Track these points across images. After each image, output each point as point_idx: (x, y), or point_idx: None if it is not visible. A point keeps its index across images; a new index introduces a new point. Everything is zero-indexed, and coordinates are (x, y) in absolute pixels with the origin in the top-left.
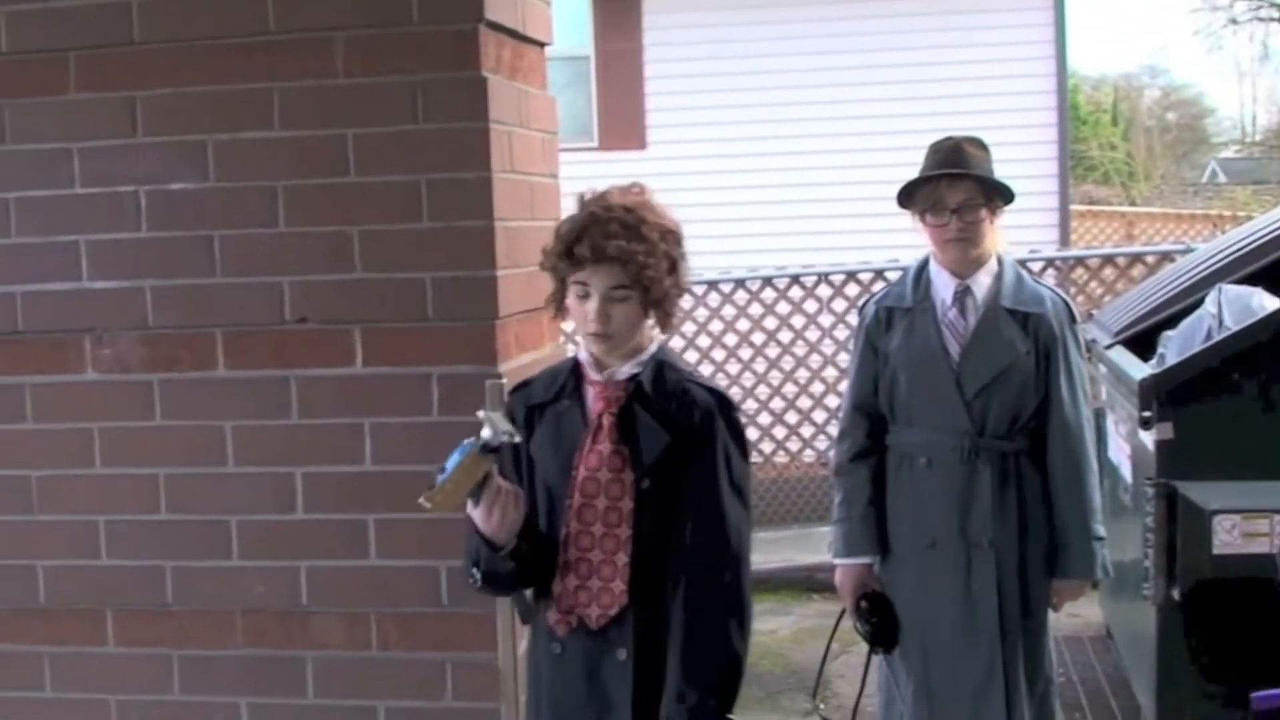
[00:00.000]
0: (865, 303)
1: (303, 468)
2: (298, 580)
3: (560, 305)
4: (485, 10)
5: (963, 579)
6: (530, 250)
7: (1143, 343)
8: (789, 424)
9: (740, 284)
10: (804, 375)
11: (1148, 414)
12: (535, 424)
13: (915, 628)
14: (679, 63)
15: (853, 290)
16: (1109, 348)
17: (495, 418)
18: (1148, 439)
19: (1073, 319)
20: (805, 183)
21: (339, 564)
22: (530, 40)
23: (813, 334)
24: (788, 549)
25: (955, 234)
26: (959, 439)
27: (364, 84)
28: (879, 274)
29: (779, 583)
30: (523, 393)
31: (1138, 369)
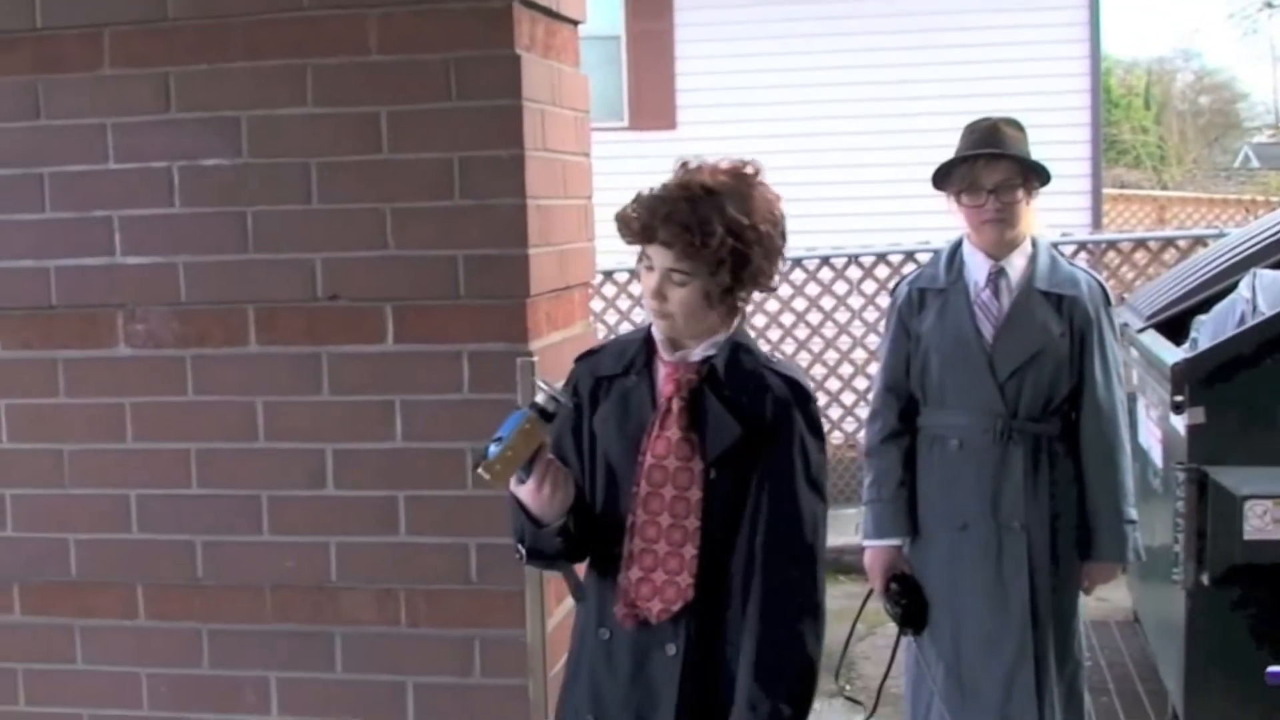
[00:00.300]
0: (897, 284)
1: (333, 444)
2: (327, 556)
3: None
4: None
5: (994, 562)
6: (562, 228)
7: (1175, 327)
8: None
9: None
10: (833, 357)
11: (1179, 399)
12: (600, 397)
13: (945, 610)
14: (709, 43)
15: (883, 272)
16: (1141, 332)
17: (550, 384)
18: (1179, 424)
19: (1107, 301)
20: (835, 164)
21: (369, 540)
22: (564, 18)
23: (842, 316)
24: None
25: (992, 215)
26: (991, 421)
27: (397, 61)
28: (909, 256)
29: None
30: (589, 362)
31: (1170, 353)
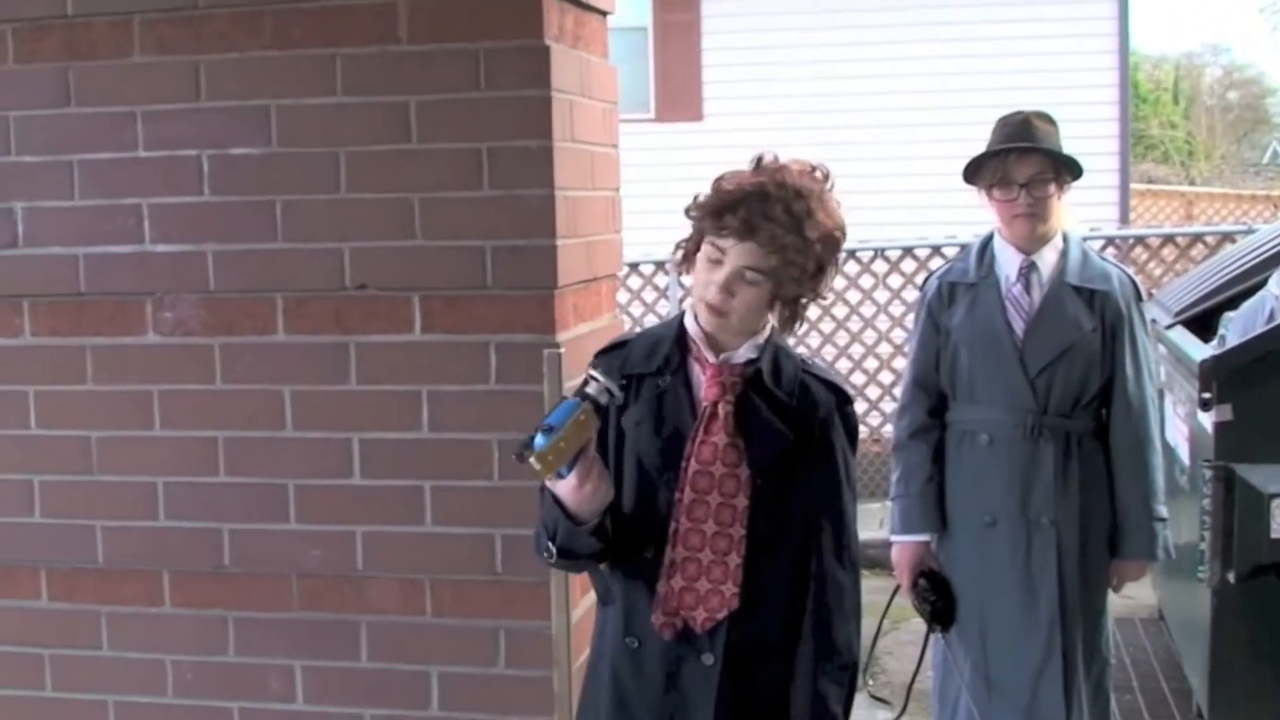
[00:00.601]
0: (927, 278)
1: (360, 434)
2: (353, 545)
3: (689, 256)
4: None
5: (1022, 558)
6: (590, 220)
7: (1203, 323)
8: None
9: None
10: (858, 351)
11: (1207, 395)
12: (630, 396)
13: (973, 607)
14: (736, 34)
15: (909, 266)
16: (1169, 328)
17: (601, 374)
18: (1206, 421)
19: (1139, 297)
20: (862, 157)
21: (395, 530)
22: (592, 9)
23: (868, 309)
24: None
25: (1023, 209)
26: (1021, 416)
27: (427, 51)
28: (936, 250)
29: None
30: (616, 355)
31: (1198, 350)
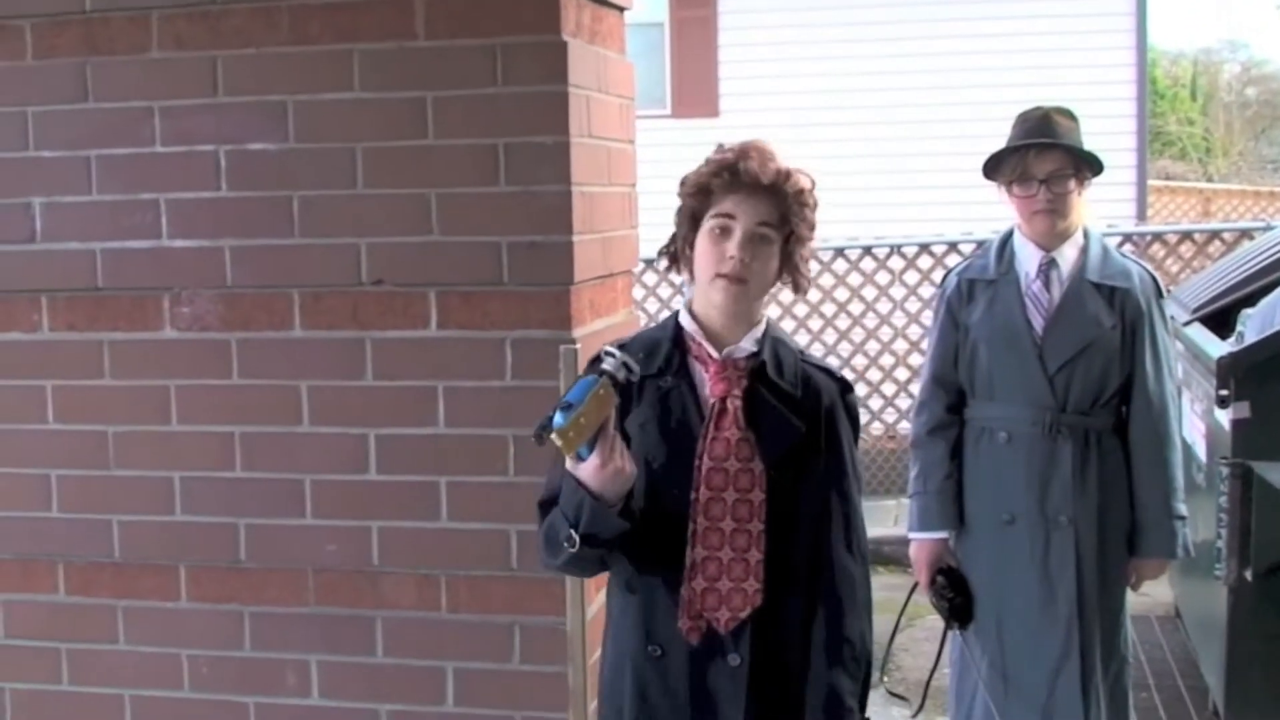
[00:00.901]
0: (947, 274)
1: (376, 429)
2: (369, 540)
3: (675, 256)
4: None
5: (1040, 556)
6: (606, 216)
7: (1220, 320)
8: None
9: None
10: (874, 348)
11: (1225, 392)
12: (631, 400)
13: (991, 605)
14: (752, 30)
15: (925, 263)
16: (1186, 325)
17: (618, 352)
18: (1224, 418)
19: (1159, 294)
20: (878, 153)
21: (410, 525)
22: (610, 4)
23: (884, 306)
24: None
25: (1043, 205)
26: (1040, 414)
27: (444, 46)
28: (953, 246)
29: None
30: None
31: (1215, 347)
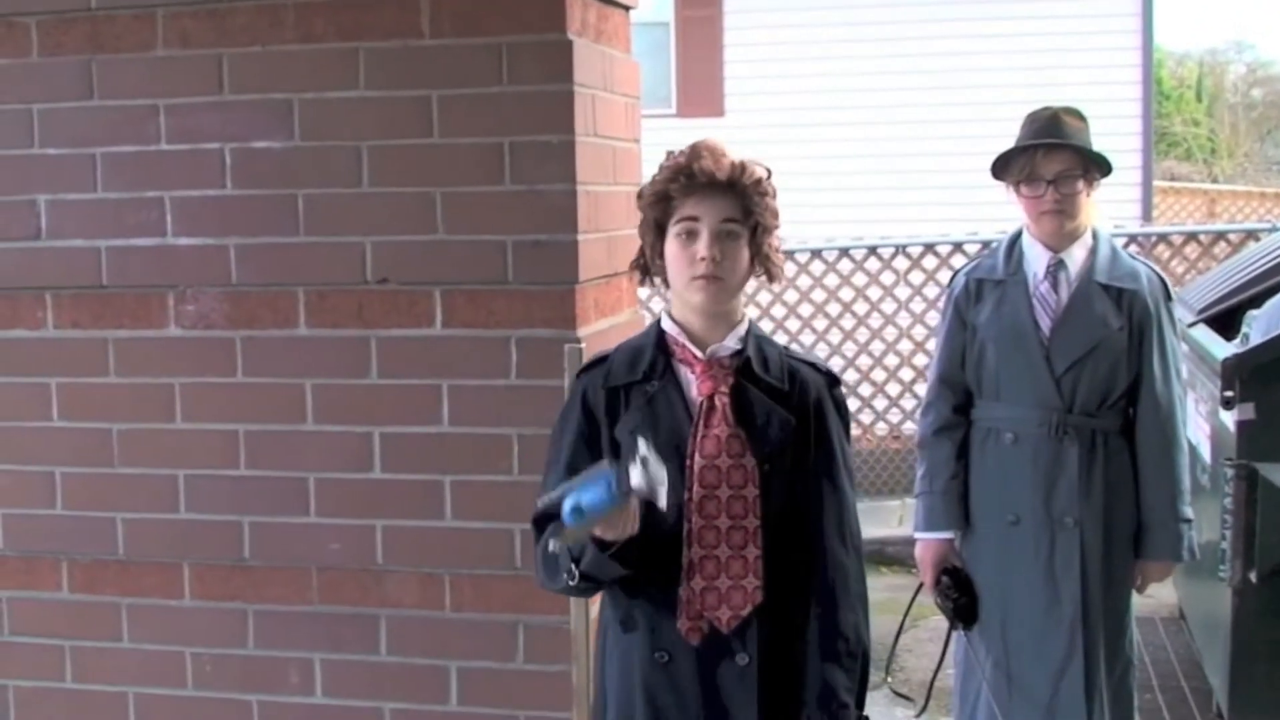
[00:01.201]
0: (955, 274)
1: (381, 428)
2: (373, 539)
3: (646, 268)
4: None
5: (1045, 557)
6: (612, 215)
7: (1225, 321)
8: (863, 396)
9: (817, 254)
10: (879, 348)
11: (1230, 394)
12: (619, 407)
13: (996, 605)
14: (758, 30)
15: (930, 263)
16: (1191, 326)
17: (652, 459)
18: (1229, 419)
19: (1168, 296)
20: (883, 153)
21: (414, 524)
22: (615, 3)
23: (889, 306)
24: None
25: (1051, 205)
26: (1047, 415)
27: (449, 45)
28: (957, 246)
29: None
30: (597, 372)
31: (1220, 348)
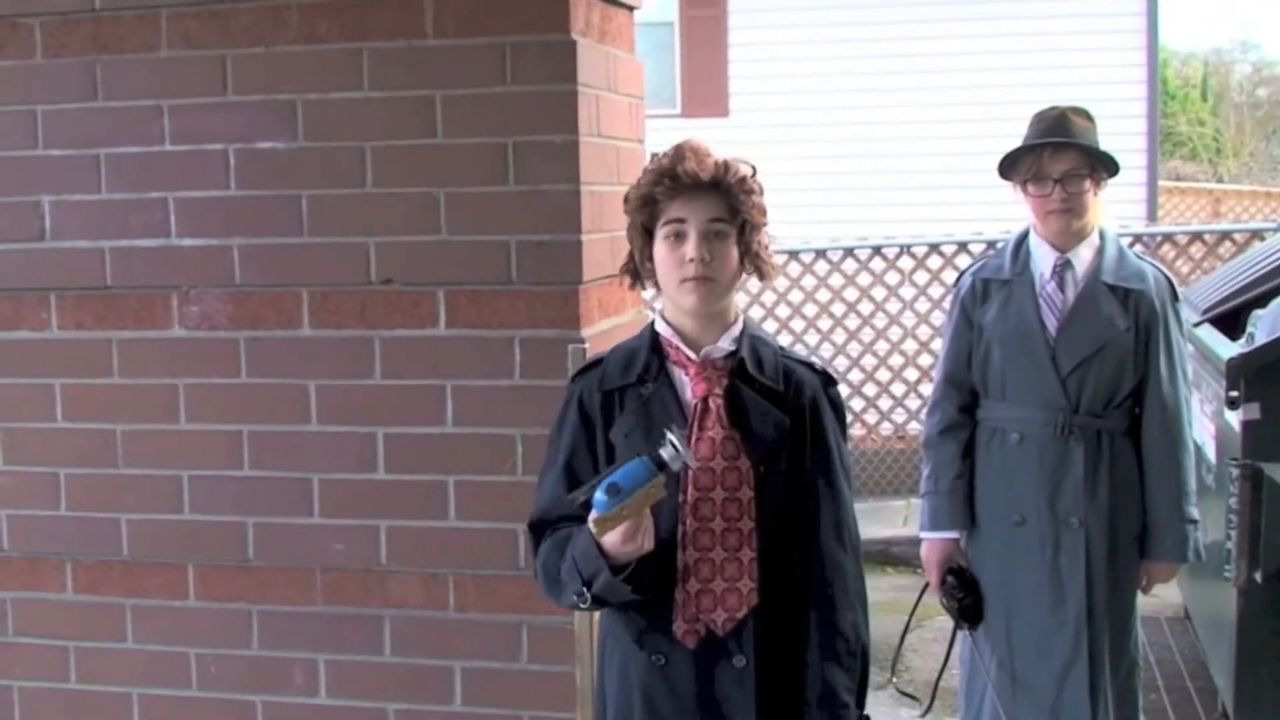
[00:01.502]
0: (961, 273)
1: (385, 428)
2: (377, 539)
3: (637, 272)
4: None
5: (1051, 558)
6: (615, 215)
7: (1231, 321)
8: (867, 396)
9: (821, 254)
10: (883, 348)
11: (1235, 394)
12: (614, 410)
13: (1001, 605)
14: (762, 30)
15: (935, 262)
16: (1196, 326)
17: (677, 438)
18: (1234, 419)
19: (1175, 296)
20: (888, 153)
21: (418, 524)
22: (619, 3)
23: (893, 306)
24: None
25: (1058, 205)
26: (1052, 415)
27: (453, 45)
28: (962, 246)
29: None
30: (591, 376)
31: (1225, 348)
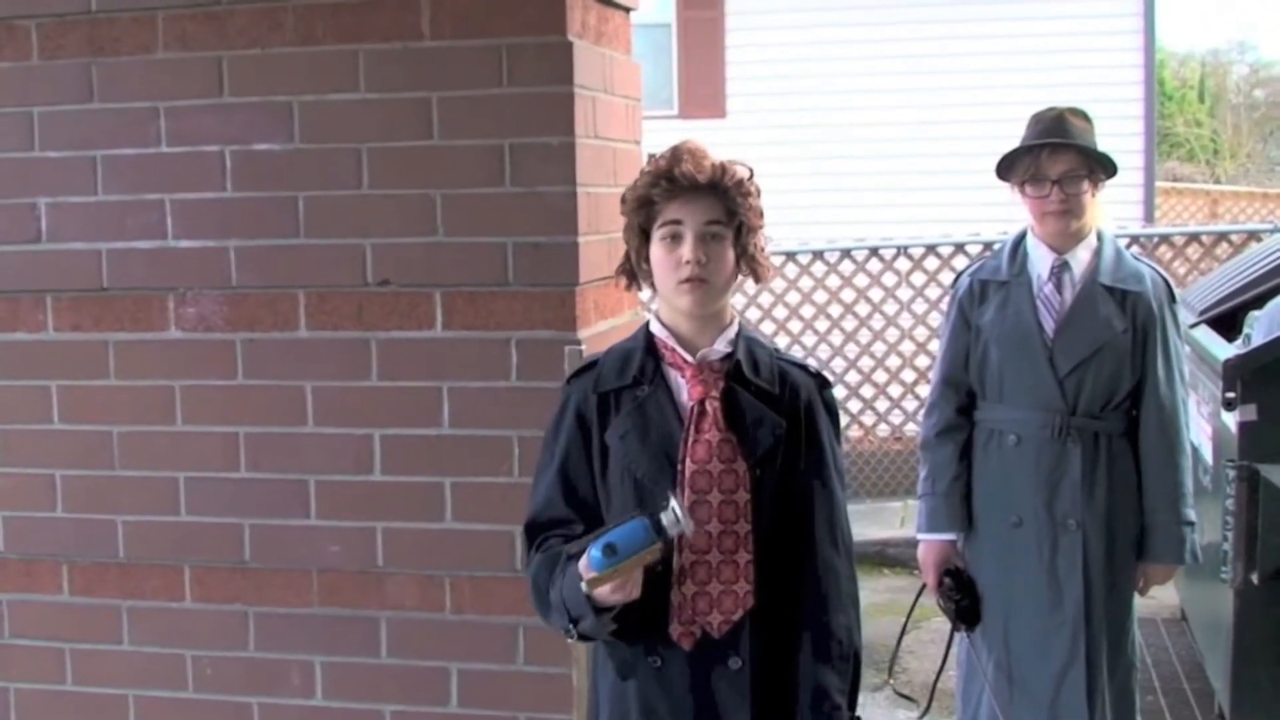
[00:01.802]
0: (959, 275)
1: (381, 429)
2: (374, 541)
3: (633, 273)
4: None
5: (1048, 559)
6: (612, 217)
7: (1227, 323)
8: (864, 398)
9: (818, 255)
10: (880, 349)
11: (1231, 395)
12: (610, 412)
13: (998, 607)
14: (760, 31)
15: (932, 264)
16: (1193, 327)
17: (678, 505)
18: (1230, 420)
19: (1172, 298)
20: (885, 154)
21: (415, 526)
22: (616, 5)
23: (890, 307)
24: (860, 523)
25: (1056, 206)
26: (1050, 417)
27: (449, 47)
28: (959, 248)
29: None
30: (587, 378)
31: (1222, 349)
